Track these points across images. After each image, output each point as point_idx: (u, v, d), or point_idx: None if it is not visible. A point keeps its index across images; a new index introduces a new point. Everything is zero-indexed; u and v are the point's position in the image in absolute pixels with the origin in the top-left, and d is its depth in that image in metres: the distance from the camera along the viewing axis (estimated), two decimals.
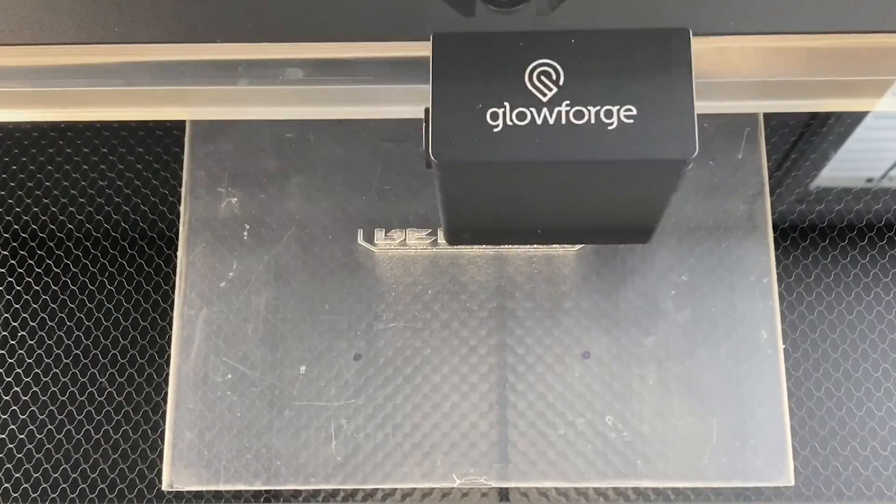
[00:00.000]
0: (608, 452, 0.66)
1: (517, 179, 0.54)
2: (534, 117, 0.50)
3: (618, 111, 0.50)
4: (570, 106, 0.50)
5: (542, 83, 0.51)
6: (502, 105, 0.50)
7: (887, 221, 0.74)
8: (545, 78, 0.51)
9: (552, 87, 0.51)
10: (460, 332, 0.69)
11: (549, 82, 0.51)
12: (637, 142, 0.50)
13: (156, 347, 0.72)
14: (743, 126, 0.71)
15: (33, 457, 0.71)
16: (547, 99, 0.50)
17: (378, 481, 0.66)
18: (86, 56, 0.56)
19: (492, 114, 0.50)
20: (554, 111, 0.50)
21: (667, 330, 0.68)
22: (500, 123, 0.50)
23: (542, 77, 0.51)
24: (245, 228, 0.71)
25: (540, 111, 0.50)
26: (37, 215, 0.75)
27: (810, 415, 0.70)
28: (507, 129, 0.50)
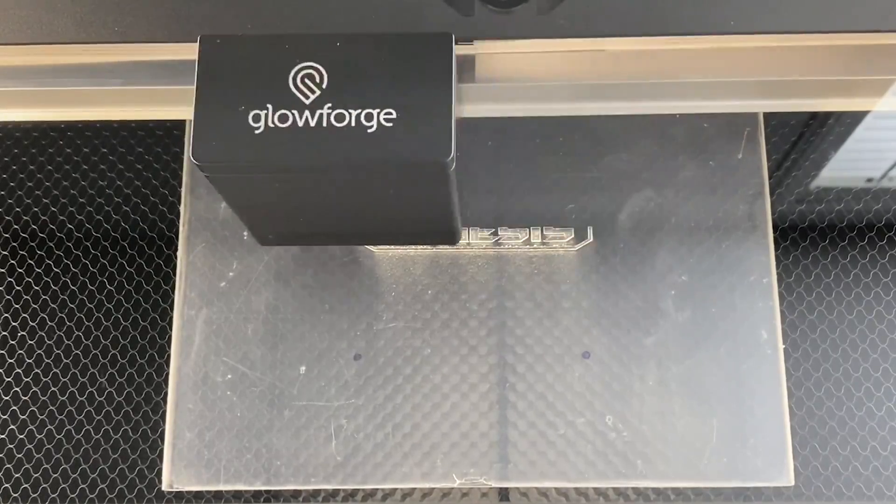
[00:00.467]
0: (608, 452, 0.66)
1: (284, 182, 0.54)
2: (296, 119, 0.50)
3: (378, 114, 0.50)
4: (331, 108, 0.50)
5: (305, 86, 0.51)
6: (265, 107, 0.50)
7: (887, 221, 0.74)
8: (309, 80, 0.51)
9: (316, 89, 0.51)
10: (460, 332, 0.69)
11: (312, 85, 0.51)
12: (394, 145, 0.50)
13: (156, 347, 0.72)
14: (743, 126, 0.71)
15: (33, 457, 0.70)
16: (310, 101, 0.50)
17: (378, 481, 0.66)
18: (86, 55, 0.56)
19: (254, 115, 0.50)
20: (316, 113, 0.50)
21: (667, 330, 0.68)
22: (261, 125, 0.50)
23: (307, 80, 0.51)
24: (245, 228, 0.70)
25: (302, 113, 0.50)
26: (37, 215, 0.75)
27: (810, 415, 0.70)
28: (269, 132, 0.50)
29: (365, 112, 0.50)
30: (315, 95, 0.50)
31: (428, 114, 0.50)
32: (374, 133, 0.50)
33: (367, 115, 0.50)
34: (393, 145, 0.50)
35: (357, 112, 0.50)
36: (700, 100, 0.59)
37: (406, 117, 0.50)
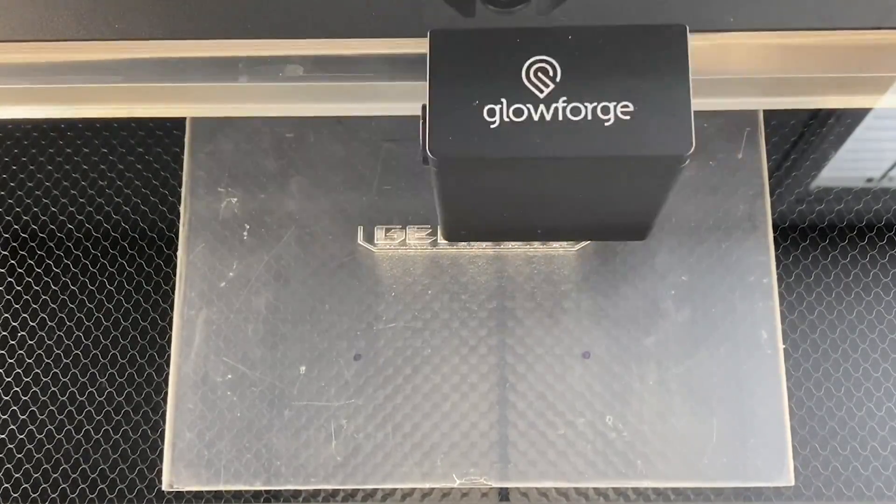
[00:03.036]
0: (608, 452, 0.66)
1: (514, 176, 0.54)
2: (531, 114, 0.50)
3: (614, 107, 0.50)
4: (566, 102, 0.50)
5: (539, 80, 0.51)
6: (499, 101, 0.50)
7: (887, 221, 0.74)
8: (542, 74, 0.51)
9: (549, 83, 0.51)
10: (460, 332, 0.68)
11: (546, 79, 0.51)
12: (634, 138, 0.50)
13: (156, 347, 0.72)
14: (743, 126, 0.71)
15: (33, 457, 0.70)
16: (544, 95, 0.50)
17: (378, 481, 0.66)
18: (86, 52, 0.56)
19: (489, 110, 0.50)
20: (551, 107, 0.50)
21: (667, 330, 0.68)
22: (496, 120, 0.50)
23: (540, 73, 0.51)
24: (245, 228, 0.71)
25: (537, 107, 0.50)
26: (37, 215, 0.75)
27: (810, 415, 0.70)
28: (504, 126, 0.50)
29: (601, 105, 0.50)
30: (549, 89, 0.50)
31: (666, 106, 0.50)
32: (612, 126, 0.50)
33: (604, 109, 0.50)
34: (632, 139, 0.50)
35: (593, 105, 0.50)
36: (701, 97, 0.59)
37: (644, 110, 0.50)
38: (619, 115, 0.50)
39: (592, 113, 0.50)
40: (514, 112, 0.50)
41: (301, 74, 0.59)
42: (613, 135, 0.50)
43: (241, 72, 0.59)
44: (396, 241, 0.70)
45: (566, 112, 0.50)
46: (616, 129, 0.50)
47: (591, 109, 0.50)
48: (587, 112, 0.50)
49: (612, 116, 0.50)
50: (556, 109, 0.50)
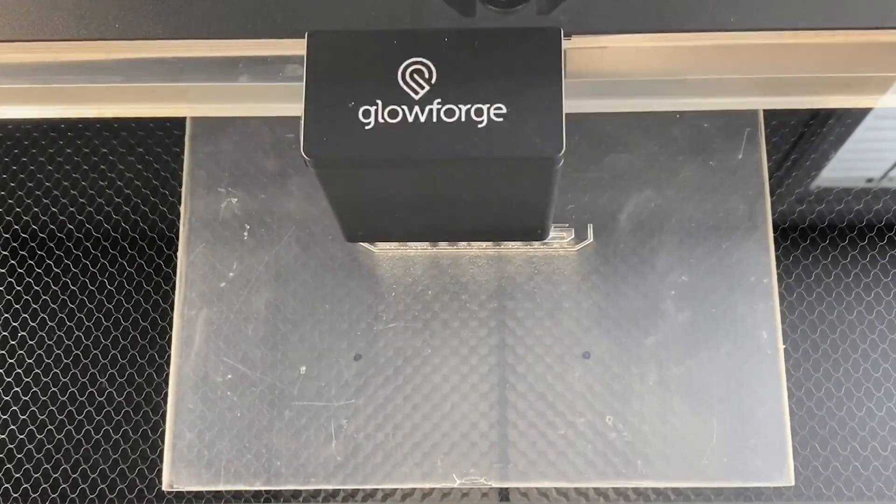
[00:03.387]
0: (608, 452, 0.66)
1: (391, 177, 0.54)
2: (405, 115, 0.50)
3: (488, 109, 0.50)
4: (441, 104, 0.50)
5: (415, 81, 0.51)
6: (374, 103, 0.50)
7: (887, 221, 0.74)
8: (418, 76, 0.51)
9: (425, 85, 0.51)
10: (460, 332, 0.68)
11: (421, 80, 0.51)
12: (505, 140, 0.50)
13: (156, 347, 0.72)
14: (743, 126, 0.71)
15: (33, 457, 0.71)
16: (419, 97, 0.50)
17: (378, 481, 0.66)
18: (86, 52, 0.56)
19: (364, 111, 0.50)
20: (426, 109, 0.50)
21: (667, 330, 0.68)
22: (371, 121, 0.50)
23: (416, 75, 0.51)
24: (245, 228, 0.71)
25: (412, 109, 0.50)
26: (37, 215, 0.75)
27: (810, 415, 0.70)
28: (379, 127, 0.50)
29: (475, 107, 0.50)
30: (424, 91, 0.50)
31: (539, 109, 0.50)
32: (485, 128, 0.50)
33: (478, 111, 0.50)
34: (504, 140, 0.50)
35: (467, 107, 0.50)
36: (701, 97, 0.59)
37: (517, 112, 0.50)
38: (492, 117, 0.50)
39: (466, 115, 0.50)
40: (389, 113, 0.50)
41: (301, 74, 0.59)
42: (486, 136, 0.50)
43: (241, 71, 0.59)
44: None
45: (440, 114, 0.50)
46: (489, 130, 0.50)
47: (465, 111, 0.50)
48: (461, 114, 0.50)
49: (485, 118, 0.50)
50: (430, 111, 0.50)
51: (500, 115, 0.50)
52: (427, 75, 0.51)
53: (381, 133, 0.50)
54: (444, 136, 0.50)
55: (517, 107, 0.50)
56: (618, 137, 0.71)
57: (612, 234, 0.70)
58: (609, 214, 0.70)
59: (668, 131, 0.71)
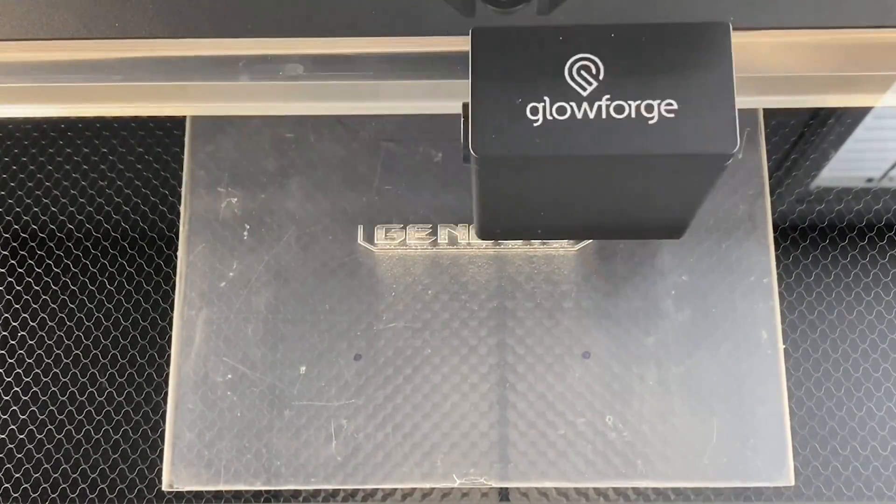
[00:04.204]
0: (608, 452, 0.66)
1: (556, 174, 0.54)
2: (574, 112, 0.50)
3: (658, 105, 0.50)
4: (610, 100, 0.50)
5: (582, 77, 0.50)
6: (542, 100, 0.50)
7: (887, 221, 0.74)
8: (585, 72, 0.51)
9: (592, 81, 0.50)
10: (460, 332, 0.68)
11: (589, 77, 0.50)
12: (678, 136, 0.49)
13: (156, 347, 0.72)
14: (743, 126, 0.71)
15: (33, 457, 0.70)
16: (587, 93, 0.50)
17: (378, 481, 0.66)
18: (86, 51, 0.56)
19: (531, 108, 0.50)
20: (594, 105, 0.50)
21: (667, 330, 0.68)
22: (539, 118, 0.50)
23: (582, 71, 0.51)
24: (245, 228, 0.71)
25: (580, 105, 0.50)
26: (37, 215, 0.75)
27: (810, 415, 0.70)
28: (547, 124, 0.50)
29: (645, 103, 0.50)
30: (592, 87, 0.50)
31: (710, 104, 0.50)
32: (656, 124, 0.49)
33: (648, 107, 0.50)
34: (677, 137, 0.49)
35: (637, 103, 0.50)
36: None
37: (688, 108, 0.50)
38: (662, 113, 0.50)
39: (636, 111, 0.50)
40: (557, 110, 0.50)
41: (301, 73, 0.59)
42: (657, 133, 0.49)
43: (241, 71, 0.59)
44: (396, 241, 0.70)
45: (609, 110, 0.50)
46: (660, 127, 0.49)
47: (635, 107, 0.50)
48: (631, 110, 0.50)
49: (655, 115, 0.50)
50: (599, 107, 0.50)
51: (671, 111, 0.50)
52: (594, 71, 0.51)
53: (550, 130, 0.50)
54: (614, 132, 0.50)
55: (689, 103, 0.50)
56: None
57: None
58: None
59: None
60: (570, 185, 0.56)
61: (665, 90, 0.50)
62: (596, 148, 0.50)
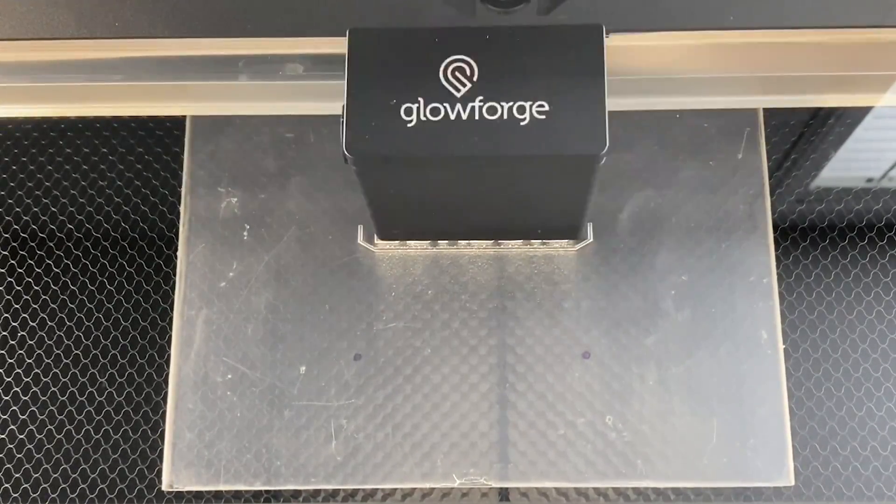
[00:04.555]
0: (608, 452, 0.66)
1: (432, 175, 0.54)
2: (447, 113, 0.50)
3: (530, 107, 0.50)
4: (483, 101, 0.50)
5: (456, 79, 0.51)
6: (416, 101, 0.51)
7: (887, 221, 0.74)
8: (460, 74, 0.51)
9: (466, 82, 0.51)
10: (460, 332, 0.68)
11: (463, 78, 0.51)
12: (548, 137, 0.50)
13: (156, 347, 0.72)
14: (743, 126, 0.71)
15: (33, 457, 0.70)
16: (461, 94, 0.51)
17: (378, 481, 0.66)
18: (86, 51, 0.56)
19: (406, 109, 0.50)
20: (468, 106, 0.50)
21: (667, 330, 0.68)
22: (413, 119, 0.50)
23: (457, 73, 0.51)
24: (245, 228, 0.71)
25: (454, 106, 0.50)
26: (37, 215, 0.75)
27: (810, 415, 0.70)
28: (421, 125, 0.50)
29: (517, 105, 0.50)
30: (466, 88, 0.51)
31: (581, 106, 0.50)
32: (528, 125, 0.50)
33: (520, 108, 0.50)
34: (547, 138, 0.50)
35: (509, 105, 0.50)
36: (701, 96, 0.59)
37: (560, 110, 0.50)
38: (534, 114, 0.50)
39: (508, 112, 0.50)
40: (431, 111, 0.50)
41: (301, 73, 0.59)
42: (528, 134, 0.50)
43: (240, 70, 0.59)
44: (396, 241, 0.70)
45: (482, 111, 0.50)
46: (531, 128, 0.50)
47: (507, 109, 0.50)
48: (503, 111, 0.50)
49: (527, 116, 0.50)
50: (472, 108, 0.50)
51: (542, 112, 0.50)
52: (469, 73, 0.51)
53: (424, 131, 0.50)
54: (486, 133, 0.50)
55: (560, 104, 0.50)
56: (618, 137, 0.71)
57: (612, 233, 0.70)
58: (609, 214, 0.70)
59: (668, 131, 0.71)
60: (452, 186, 0.56)
61: (537, 92, 0.50)
62: (468, 149, 0.50)
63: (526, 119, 0.50)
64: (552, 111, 0.50)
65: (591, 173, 0.53)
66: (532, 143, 0.50)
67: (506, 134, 0.50)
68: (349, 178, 0.71)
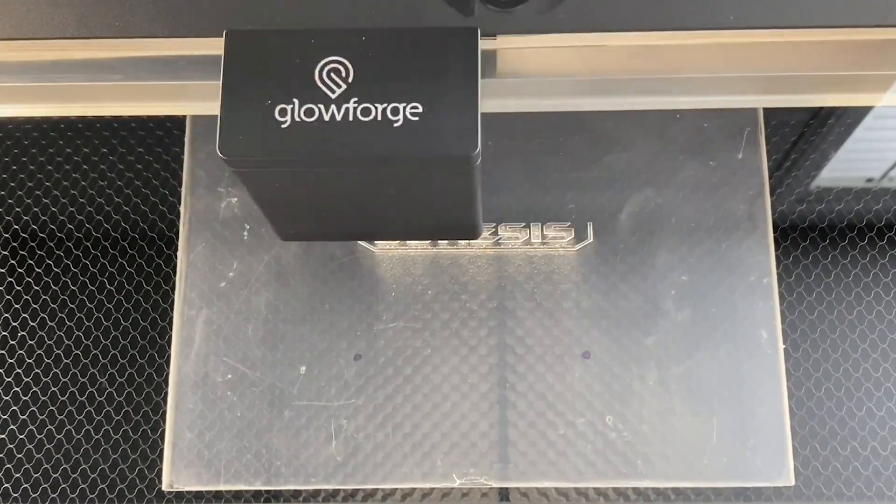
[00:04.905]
0: (608, 452, 0.66)
1: (309, 176, 0.54)
2: (322, 114, 0.50)
3: (404, 108, 0.50)
4: (357, 103, 0.50)
5: (331, 80, 0.51)
6: (291, 101, 0.50)
7: (887, 221, 0.74)
8: (335, 75, 0.51)
9: (342, 84, 0.51)
10: (460, 332, 0.68)
11: (338, 79, 0.51)
12: (421, 139, 0.50)
13: (156, 347, 0.72)
14: (743, 126, 0.71)
15: (33, 457, 0.70)
16: (336, 96, 0.51)
17: (378, 481, 0.66)
18: (86, 51, 0.56)
19: (280, 110, 0.50)
20: (342, 108, 0.50)
21: (667, 330, 0.68)
22: (288, 120, 0.50)
23: (333, 74, 0.51)
24: (245, 228, 0.71)
25: (328, 108, 0.50)
26: (37, 215, 0.75)
27: (810, 415, 0.70)
28: (295, 126, 0.50)
29: (391, 106, 0.50)
30: (341, 90, 0.51)
31: (454, 108, 0.50)
32: (401, 127, 0.50)
33: (394, 110, 0.50)
34: (419, 139, 0.50)
35: (383, 106, 0.50)
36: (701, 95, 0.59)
37: (433, 112, 0.50)
38: (408, 116, 0.50)
39: (382, 114, 0.50)
40: (306, 112, 0.50)
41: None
42: (401, 136, 0.50)
43: None
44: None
45: (357, 112, 0.50)
46: (404, 130, 0.50)
47: (381, 110, 0.50)
48: (377, 113, 0.50)
49: (401, 117, 0.50)
50: (347, 110, 0.50)
51: (416, 114, 0.50)
52: (344, 74, 0.51)
53: (297, 132, 0.50)
54: (359, 135, 0.50)
55: (433, 106, 0.50)
56: (618, 137, 0.71)
57: (612, 233, 0.70)
58: (609, 214, 0.70)
59: (668, 131, 0.71)
60: (332, 188, 0.56)
61: (411, 93, 0.50)
62: (341, 150, 0.50)
63: (399, 121, 0.50)
64: (425, 113, 0.50)
65: (469, 174, 0.53)
66: (404, 144, 0.50)
67: (379, 135, 0.50)
68: None
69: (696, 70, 0.56)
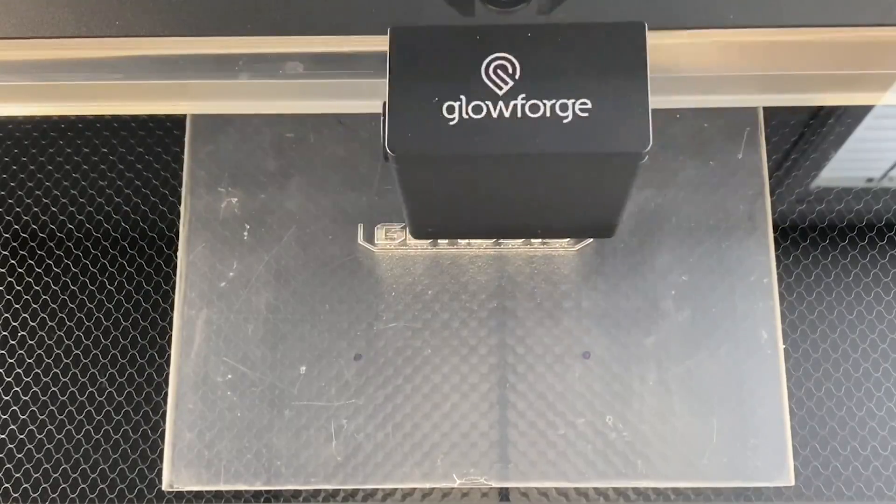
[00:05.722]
0: (608, 452, 0.66)
1: (473, 173, 0.54)
2: (489, 111, 0.50)
3: (573, 105, 0.50)
4: (525, 99, 0.50)
5: (498, 77, 0.51)
6: (458, 98, 0.50)
7: (887, 221, 0.74)
8: (501, 72, 0.51)
9: (508, 80, 0.51)
10: (460, 332, 0.68)
11: (505, 76, 0.51)
12: (591, 135, 0.50)
13: (156, 347, 0.72)
14: (743, 126, 0.71)
15: (33, 457, 0.70)
16: (503, 92, 0.51)
17: (378, 481, 0.66)
18: (86, 50, 0.56)
19: (448, 107, 0.50)
20: (510, 104, 0.50)
21: (667, 330, 0.68)
22: (456, 116, 0.50)
23: (499, 70, 0.51)
24: (245, 228, 0.71)
25: (496, 104, 0.50)
26: (37, 215, 0.75)
27: (810, 415, 0.70)
28: (463, 123, 0.50)
29: (560, 102, 0.50)
30: (508, 86, 0.51)
31: (624, 104, 0.50)
32: (570, 123, 0.50)
33: (562, 106, 0.50)
34: (591, 136, 0.50)
35: (552, 103, 0.50)
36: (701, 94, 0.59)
37: (602, 108, 0.50)
38: (577, 112, 0.50)
39: (551, 110, 0.50)
40: (474, 109, 0.50)
41: (301, 72, 0.59)
42: (571, 132, 0.50)
43: (240, 69, 0.59)
44: (396, 241, 0.70)
45: (525, 109, 0.50)
46: (574, 126, 0.50)
47: (550, 107, 0.50)
48: (545, 109, 0.50)
49: (570, 114, 0.50)
50: (514, 106, 0.50)
51: (585, 110, 0.50)
52: (511, 70, 0.51)
53: (466, 128, 0.50)
54: (528, 131, 0.50)
55: (603, 102, 0.50)
56: None
57: None
58: None
59: (668, 131, 0.71)
60: (491, 184, 0.56)
61: (580, 90, 0.50)
62: (510, 147, 0.50)
63: (569, 117, 0.50)
64: (595, 109, 0.50)
65: (633, 172, 0.53)
66: (575, 140, 0.50)
67: (548, 132, 0.50)
68: (349, 178, 0.71)
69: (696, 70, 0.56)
